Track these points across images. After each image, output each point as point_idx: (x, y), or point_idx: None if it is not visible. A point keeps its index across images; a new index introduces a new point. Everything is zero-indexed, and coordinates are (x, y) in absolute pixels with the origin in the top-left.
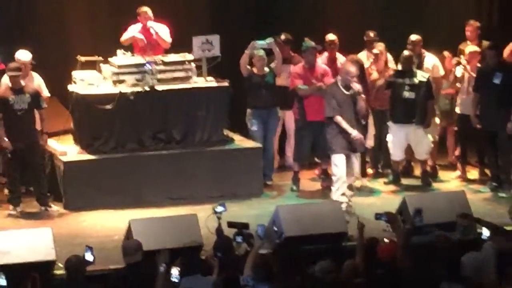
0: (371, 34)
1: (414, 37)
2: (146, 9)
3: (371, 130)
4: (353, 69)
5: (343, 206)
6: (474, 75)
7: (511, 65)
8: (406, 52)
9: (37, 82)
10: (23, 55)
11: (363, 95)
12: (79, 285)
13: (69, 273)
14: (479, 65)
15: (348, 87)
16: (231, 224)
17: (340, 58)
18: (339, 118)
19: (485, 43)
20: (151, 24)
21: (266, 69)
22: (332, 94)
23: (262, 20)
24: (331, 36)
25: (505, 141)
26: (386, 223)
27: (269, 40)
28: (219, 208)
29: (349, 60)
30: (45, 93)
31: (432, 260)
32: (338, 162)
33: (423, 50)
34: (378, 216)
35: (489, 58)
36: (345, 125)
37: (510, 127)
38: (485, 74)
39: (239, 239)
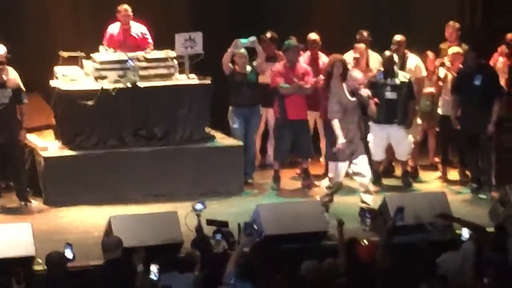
0: (365, 33)
1: (398, 37)
2: (126, 7)
3: None
4: (360, 75)
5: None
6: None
7: (490, 67)
8: (387, 53)
9: (12, 76)
10: None
11: (375, 99)
12: (59, 281)
13: (49, 268)
14: (461, 66)
15: (353, 93)
16: (210, 222)
17: (323, 58)
18: (335, 122)
19: (464, 46)
20: (133, 24)
21: (249, 67)
22: (337, 98)
23: (247, 18)
24: (313, 36)
25: (485, 142)
26: (369, 219)
27: (252, 38)
28: (198, 206)
29: (334, 59)
30: (21, 87)
31: (411, 260)
32: (337, 170)
33: (406, 51)
34: (362, 212)
35: (469, 60)
36: (338, 131)
37: (490, 129)
38: (465, 76)
39: (218, 236)
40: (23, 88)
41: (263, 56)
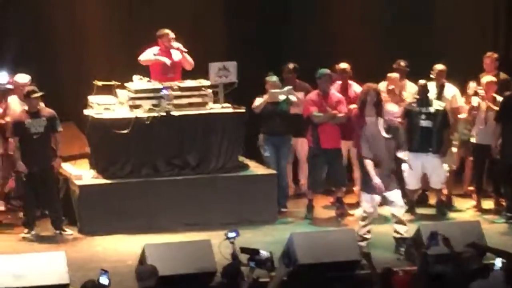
0: (402, 63)
1: (439, 66)
2: (167, 31)
3: None
4: (395, 108)
5: (363, 243)
6: (492, 105)
7: None
8: (421, 81)
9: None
10: (21, 78)
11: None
12: None
13: None
14: (495, 95)
15: (389, 129)
16: (243, 250)
17: (354, 86)
18: (368, 162)
19: (503, 74)
20: (178, 45)
21: (282, 96)
22: (370, 134)
23: (277, 48)
24: (343, 65)
25: None
26: (403, 249)
27: (287, 88)
28: (231, 234)
29: (367, 88)
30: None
31: None
32: (367, 199)
33: (444, 80)
34: (397, 242)
35: None
36: (371, 172)
37: None
38: (510, 105)
39: (252, 264)
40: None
41: (301, 100)
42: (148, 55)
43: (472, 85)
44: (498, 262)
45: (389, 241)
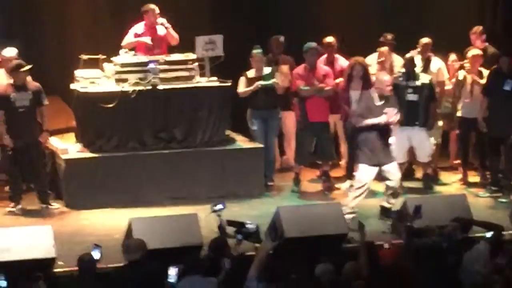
0: (389, 36)
1: (425, 39)
2: (153, 6)
3: None
4: (387, 77)
5: (351, 216)
6: (477, 78)
7: None
8: (408, 55)
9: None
10: (8, 52)
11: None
12: (88, 283)
13: (81, 271)
14: (481, 69)
15: (382, 97)
16: (230, 223)
17: (340, 60)
18: (368, 121)
19: (490, 48)
20: (163, 20)
21: (266, 69)
22: (365, 103)
23: (266, 21)
24: (329, 39)
25: (510, 147)
26: (391, 225)
27: (273, 80)
28: (218, 206)
29: (354, 62)
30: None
31: (429, 261)
32: (362, 169)
33: (430, 54)
34: (382, 213)
35: (503, 64)
36: (372, 121)
37: None
38: (497, 79)
39: (239, 237)
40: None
41: (286, 82)
42: (129, 39)
43: (452, 57)
44: (489, 235)
45: (373, 215)
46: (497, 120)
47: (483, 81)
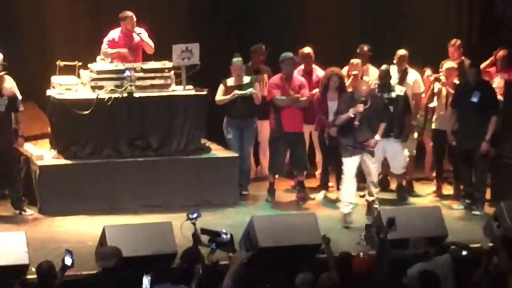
0: (365, 47)
1: (401, 51)
2: (131, 14)
3: None
4: (364, 87)
5: (345, 209)
6: (452, 91)
7: (489, 84)
8: (383, 66)
9: (9, 84)
10: None
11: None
12: None
13: (40, 278)
14: (456, 81)
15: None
16: (204, 231)
17: (317, 71)
18: (342, 117)
19: (467, 61)
20: (140, 30)
21: (246, 78)
22: (345, 104)
23: (243, 30)
24: (306, 49)
25: (480, 159)
26: (364, 236)
27: (250, 90)
28: (194, 215)
29: (330, 72)
30: (17, 95)
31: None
32: (346, 162)
33: (406, 66)
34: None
35: (470, 76)
36: (346, 115)
37: (484, 146)
38: (464, 91)
39: (213, 245)
40: (19, 96)
41: (264, 92)
42: (106, 48)
43: (427, 72)
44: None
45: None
46: (466, 132)
47: None
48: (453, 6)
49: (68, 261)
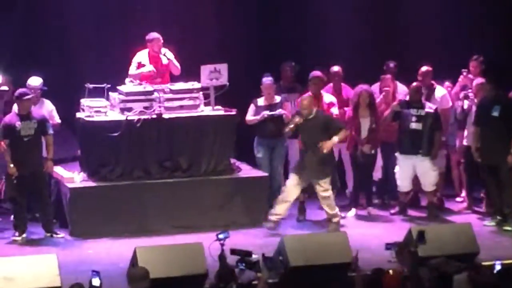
0: (391, 64)
1: (424, 68)
2: (158, 35)
3: (379, 162)
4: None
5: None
6: None
7: (508, 97)
8: (414, 83)
9: (49, 108)
10: (34, 81)
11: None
12: None
13: None
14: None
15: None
16: (233, 252)
17: (346, 89)
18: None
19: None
20: (165, 50)
21: (277, 97)
22: None
23: (272, 50)
24: (335, 68)
25: (506, 174)
26: (396, 253)
27: (279, 110)
28: (222, 235)
29: (360, 90)
30: (56, 119)
31: None
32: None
33: (432, 82)
34: (388, 247)
35: (487, 92)
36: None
37: (510, 160)
38: (484, 107)
39: (241, 266)
40: (57, 120)
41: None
42: (134, 69)
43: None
44: (498, 265)
45: (378, 244)
46: (490, 148)
47: None
48: (477, 22)
49: (96, 282)
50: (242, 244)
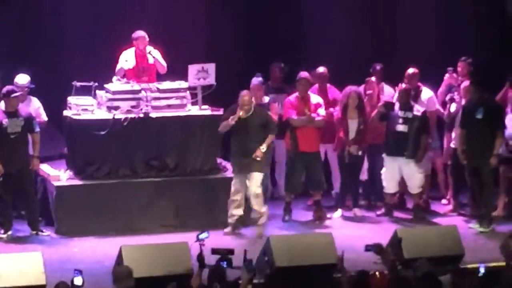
0: (378, 66)
1: (411, 70)
2: (143, 34)
3: (365, 164)
4: (245, 97)
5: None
6: None
7: (493, 100)
8: (402, 86)
9: (36, 106)
10: (21, 79)
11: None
12: None
13: None
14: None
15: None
16: (215, 251)
17: (332, 90)
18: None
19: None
20: (150, 48)
21: (265, 98)
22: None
23: (259, 50)
24: (321, 69)
25: (487, 176)
26: (376, 254)
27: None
28: (203, 235)
29: (350, 91)
30: (43, 117)
31: None
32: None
33: (419, 84)
34: (368, 248)
35: (471, 94)
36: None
37: (493, 161)
38: (469, 109)
39: (224, 264)
40: (44, 118)
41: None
42: (119, 64)
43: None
44: (482, 268)
45: (364, 245)
46: (473, 150)
47: None
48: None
49: (78, 281)
50: (228, 244)
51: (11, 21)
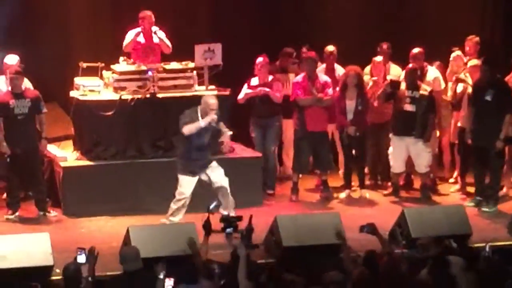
0: (384, 46)
1: (416, 50)
2: (150, 13)
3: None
4: (213, 101)
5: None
6: None
7: (503, 82)
8: (410, 65)
9: (26, 86)
10: (10, 59)
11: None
12: None
13: (66, 280)
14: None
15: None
16: (223, 219)
17: (339, 70)
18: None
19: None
20: (156, 29)
21: (270, 77)
22: (191, 119)
23: (264, 30)
24: (330, 48)
25: (494, 158)
26: (370, 234)
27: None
28: (213, 204)
29: (349, 70)
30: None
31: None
32: (182, 183)
33: (425, 63)
34: (362, 229)
35: (482, 73)
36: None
37: (498, 145)
38: (479, 89)
39: (229, 230)
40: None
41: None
42: (127, 39)
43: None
44: (487, 248)
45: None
46: (480, 131)
47: None
48: (476, 3)
49: (81, 259)
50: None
51: (17, 1)
